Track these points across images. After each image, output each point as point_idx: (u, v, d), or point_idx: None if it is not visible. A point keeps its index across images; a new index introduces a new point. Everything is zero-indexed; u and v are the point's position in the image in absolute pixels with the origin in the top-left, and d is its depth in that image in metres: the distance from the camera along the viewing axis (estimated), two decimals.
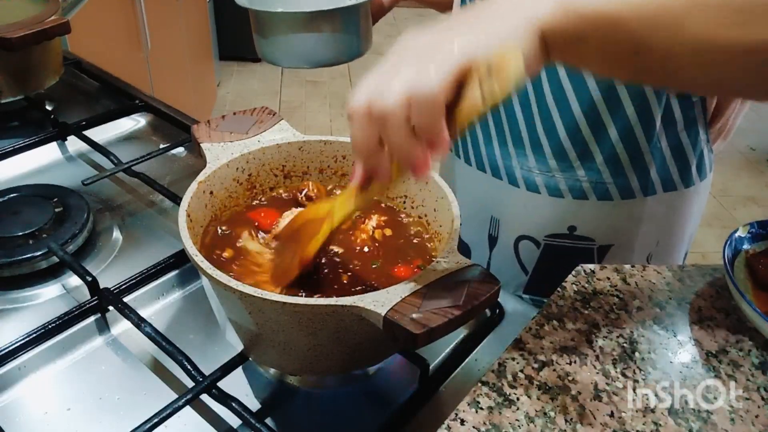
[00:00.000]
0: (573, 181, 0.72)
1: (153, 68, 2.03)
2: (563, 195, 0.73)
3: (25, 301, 0.65)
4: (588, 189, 0.72)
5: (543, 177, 0.73)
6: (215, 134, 0.62)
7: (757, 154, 3.03)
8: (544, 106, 0.70)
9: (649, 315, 0.55)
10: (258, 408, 0.55)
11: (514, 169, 0.75)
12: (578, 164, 0.71)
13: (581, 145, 0.70)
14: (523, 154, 0.73)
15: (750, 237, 0.60)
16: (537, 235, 0.77)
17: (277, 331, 0.47)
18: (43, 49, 0.91)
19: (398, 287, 0.44)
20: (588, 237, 0.76)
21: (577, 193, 0.73)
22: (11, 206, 0.72)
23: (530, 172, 0.74)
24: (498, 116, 0.75)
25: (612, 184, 0.72)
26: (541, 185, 0.74)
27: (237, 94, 3.29)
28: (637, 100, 0.67)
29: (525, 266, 0.80)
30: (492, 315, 0.64)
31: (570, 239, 0.76)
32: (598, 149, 0.70)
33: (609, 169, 0.71)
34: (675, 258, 0.83)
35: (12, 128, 0.95)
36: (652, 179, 0.72)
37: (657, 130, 0.69)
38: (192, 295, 0.66)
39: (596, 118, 0.68)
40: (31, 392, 0.56)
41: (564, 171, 0.72)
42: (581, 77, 0.67)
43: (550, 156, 0.72)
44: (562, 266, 0.73)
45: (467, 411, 0.46)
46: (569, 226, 0.75)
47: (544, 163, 0.73)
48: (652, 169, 0.71)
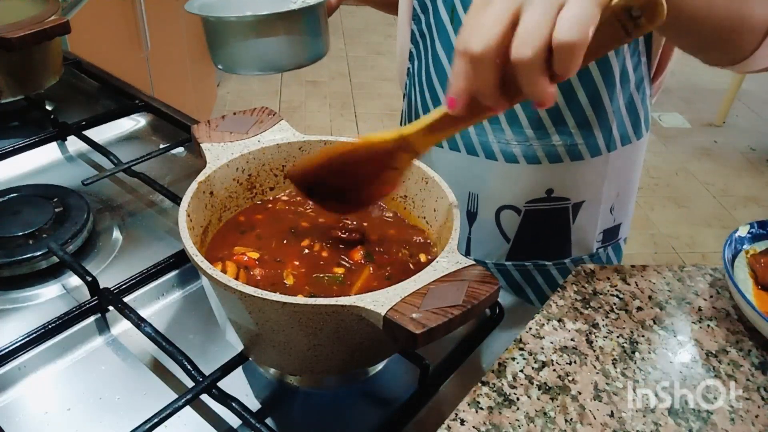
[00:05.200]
0: (549, 146, 0.76)
1: (153, 68, 2.03)
2: (540, 161, 0.77)
3: (25, 301, 0.65)
4: (563, 152, 0.77)
5: (521, 147, 0.77)
6: (215, 134, 0.62)
7: (757, 154, 3.03)
8: None
9: (649, 315, 0.55)
10: (258, 408, 0.55)
11: (491, 144, 0.78)
12: (553, 130, 0.76)
13: (555, 111, 0.74)
14: (500, 129, 0.77)
15: (750, 237, 0.60)
16: (517, 203, 0.80)
17: (277, 331, 0.47)
18: (43, 49, 0.91)
19: (398, 287, 0.44)
20: (563, 197, 0.80)
21: (553, 158, 0.77)
22: (11, 206, 0.72)
23: (508, 145, 0.77)
24: None
25: (583, 144, 0.77)
26: (519, 155, 0.77)
27: (237, 94, 3.29)
28: (601, 63, 0.72)
29: (507, 235, 0.83)
30: (492, 315, 0.64)
31: (548, 201, 0.80)
32: (570, 114, 0.75)
33: (580, 131, 0.76)
34: (630, 208, 0.90)
35: (12, 128, 0.95)
36: (613, 136, 0.78)
37: (617, 90, 0.74)
38: (192, 295, 0.66)
39: (568, 85, 0.73)
40: (31, 392, 0.56)
41: (540, 138, 0.76)
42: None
43: (526, 126, 0.76)
44: (542, 228, 0.82)
45: (467, 411, 0.46)
46: (547, 189, 0.80)
47: (521, 134, 0.76)
48: (613, 126, 0.77)
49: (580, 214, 0.82)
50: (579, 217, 0.82)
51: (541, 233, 0.83)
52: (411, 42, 0.84)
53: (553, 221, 0.82)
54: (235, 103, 3.21)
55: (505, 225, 0.82)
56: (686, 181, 2.81)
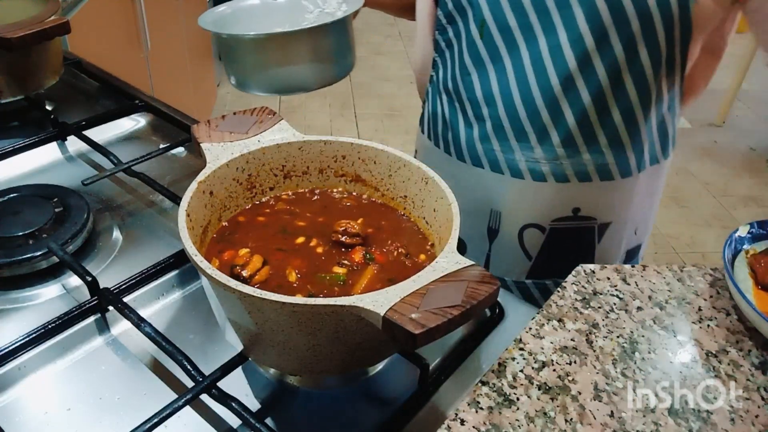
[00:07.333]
0: (579, 165, 0.75)
1: (153, 68, 2.03)
2: (569, 180, 0.76)
3: (25, 301, 0.65)
4: (592, 171, 0.75)
5: (550, 165, 0.75)
6: (215, 134, 0.62)
7: (757, 154, 3.03)
8: (551, 97, 0.72)
9: (649, 315, 0.55)
10: (258, 408, 0.55)
11: (518, 162, 0.76)
12: (584, 148, 0.74)
13: (588, 129, 0.73)
14: (528, 147, 0.75)
15: (750, 237, 0.60)
16: (543, 221, 0.79)
17: (277, 331, 0.47)
18: (43, 49, 0.91)
19: (397, 287, 0.44)
20: (590, 217, 0.79)
21: (583, 177, 0.76)
22: (11, 206, 0.72)
23: (537, 163, 0.75)
24: (496, 114, 0.76)
25: (614, 164, 0.75)
26: (548, 173, 0.76)
27: (237, 94, 3.29)
28: (639, 83, 0.71)
29: (529, 252, 0.81)
30: (492, 315, 0.64)
31: (574, 220, 0.79)
32: (602, 132, 0.73)
33: (612, 150, 0.74)
34: (649, 227, 0.89)
35: (12, 128, 0.95)
36: (644, 156, 0.77)
37: (651, 109, 0.74)
38: (192, 295, 0.66)
39: (603, 101, 0.71)
40: (31, 392, 0.56)
41: (570, 157, 0.75)
42: (591, 65, 0.70)
43: (557, 145, 0.74)
44: (566, 247, 0.80)
45: (467, 411, 0.46)
46: (574, 208, 0.78)
47: (551, 152, 0.75)
48: (645, 146, 0.76)
49: (606, 234, 0.80)
50: (605, 238, 0.81)
51: (565, 252, 0.81)
52: (435, 51, 0.82)
53: (578, 240, 0.80)
54: (235, 103, 3.21)
55: (528, 243, 0.81)
56: (686, 181, 2.80)
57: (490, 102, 0.76)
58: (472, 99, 0.77)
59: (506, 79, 0.74)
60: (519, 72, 0.72)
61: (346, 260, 0.54)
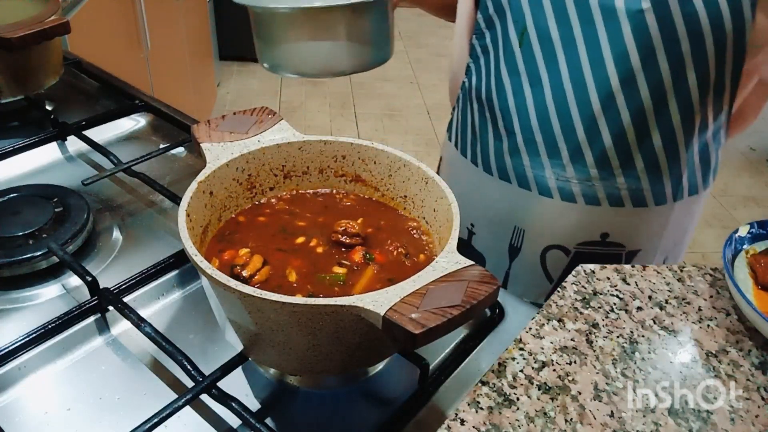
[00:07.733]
0: (612, 188, 0.71)
1: (153, 68, 2.03)
2: (600, 203, 0.72)
3: (25, 301, 0.65)
4: (625, 196, 0.72)
5: (581, 186, 0.71)
6: (215, 134, 0.62)
7: (757, 154, 3.03)
8: (589, 114, 0.68)
9: (649, 315, 0.55)
10: (258, 408, 0.55)
11: (547, 179, 0.73)
12: (619, 172, 0.70)
13: (625, 152, 0.69)
14: (560, 165, 0.72)
15: (750, 237, 0.60)
16: (568, 244, 0.75)
17: (277, 331, 0.47)
18: (43, 49, 0.91)
19: (397, 287, 0.44)
20: (619, 243, 0.75)
21: (615, 201, 0.72)
22: (11, 206, 0.72)
23: (567, 182, 0.72)
24: (528, 127, 0.73)
25: (649, 190, 0.72)
26: (578, 194, 0.72)
27: (237, 94, 3.29)
28: (684, 108, 0.67)
29: (550, 275, 0.78)
30: (492, 315, 0.64)
31: (602, 246, 0.75)
32: (640, 156, 0.69)
33: (648, 176, 0.71)
34: (680, 256, 0.84)
35: (12, 128, 0.95)
36: (682, 184, 0.72)
37: (694, 136, 0.69)
38: (192, 295, 0.66)
39: (643, 124, 0.68)
40: (31, 392, 0.56)
41: (604, 179, 0.71)
42: (635, 83, 0.66)
43: (591, 165, 0.71)
44: None
45: (467, 411, 0.46)
46: (602, 233, 0.74)
47: (583, 172, 0.71)
48: (684, 175, 0.72)
49: (634, 261, 0.77)
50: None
51: None
52: (470, 56, 0.79)
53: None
54: (235, 103, 3.21)
55: (551, 265, 0.77)
56: None
57: (522, 114, 0.72)
58: (504, 110, 0.74)
59: (542, 92, 0.70)
60: (556, 85, 0.69)
61: (346, 260, 0.55)
